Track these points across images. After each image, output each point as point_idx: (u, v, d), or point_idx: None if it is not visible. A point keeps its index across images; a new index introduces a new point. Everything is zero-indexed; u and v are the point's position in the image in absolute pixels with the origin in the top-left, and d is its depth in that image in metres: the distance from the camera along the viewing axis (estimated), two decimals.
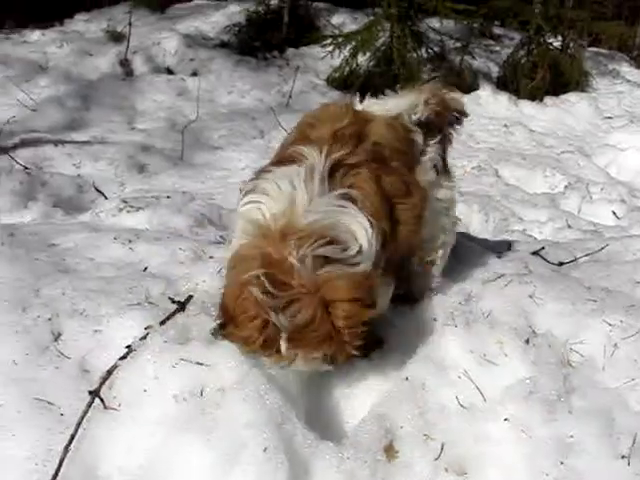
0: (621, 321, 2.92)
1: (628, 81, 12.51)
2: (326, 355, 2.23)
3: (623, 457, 2.40)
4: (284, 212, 2.30)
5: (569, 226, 5.17)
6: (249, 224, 2.37)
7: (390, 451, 2.36)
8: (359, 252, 2.29)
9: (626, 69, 13.64)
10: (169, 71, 9.72)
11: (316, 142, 2.55)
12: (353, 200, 2.39)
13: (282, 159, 2.58)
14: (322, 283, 2.15)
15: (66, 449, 2.24)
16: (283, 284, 2.14)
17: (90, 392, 2.40)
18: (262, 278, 2.14)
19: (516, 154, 7.69)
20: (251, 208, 2.41)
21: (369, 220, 2.35)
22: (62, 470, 2.19)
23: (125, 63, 9.51)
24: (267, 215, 2.34)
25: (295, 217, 2.28)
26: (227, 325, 2.31)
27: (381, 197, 2.55)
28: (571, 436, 2.44)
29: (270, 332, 2.17)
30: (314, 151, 2.47)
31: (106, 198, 5.16)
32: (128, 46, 9.54)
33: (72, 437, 2.27)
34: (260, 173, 2.54)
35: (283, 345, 2.17)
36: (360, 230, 2.33)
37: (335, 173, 2.44)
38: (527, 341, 2.82)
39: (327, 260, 2.20)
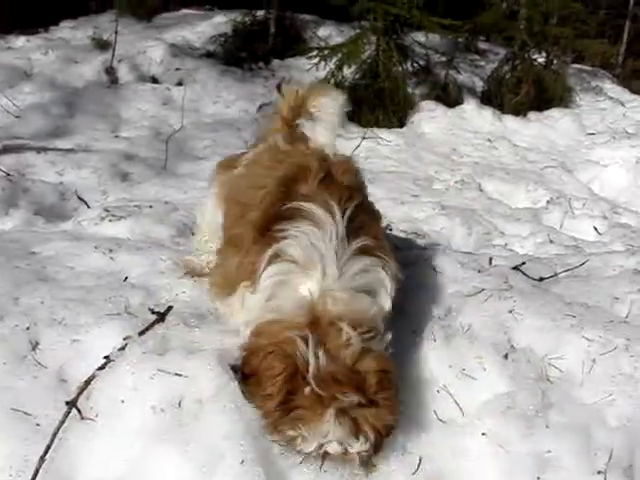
0: (600, 337, 2.94)
1: (611, 98, 12.60)
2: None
3: (599, 472, 2.42)
4: (321, 292, 2.32)
5: (551, 241, 5.19)
6: (281, 301, 2.36)
7: (368, 465, 2.35)
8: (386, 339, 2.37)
9: (609, 86, 13.74)
10: (154, 80, 9.69)
11: (312, 195, 2.56)
12: (370, 251, 2.49)
13: (283, 214, 2.52)
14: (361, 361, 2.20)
15: (42, 459, 2.23)
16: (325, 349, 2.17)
17: (67, 402, 2.39)
18: (307, 336, 2.17)
19: (499, 168, 7.72)
20: (282, 282, 2.39)
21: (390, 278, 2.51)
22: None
23: (110, 71, 9.46)
24: (305, 291, 2.34)
25: (334, 299, 2.31)
26: (249, 383, 2.27)
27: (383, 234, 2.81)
28: (549, 451, 2.46)
29: (296, 382, 2.14)
30: (321, 210, 2.47)
31: (88, 207, 5.15)
32: (114, 54, 9.50)
33: (48, 447, 2.26)
34: (275, 232, 2.48)
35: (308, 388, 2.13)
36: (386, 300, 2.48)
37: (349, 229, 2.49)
38: (506, 356, 2.84)
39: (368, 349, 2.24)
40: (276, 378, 2.13)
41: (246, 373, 2.25)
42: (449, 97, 10.19)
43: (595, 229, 5.78)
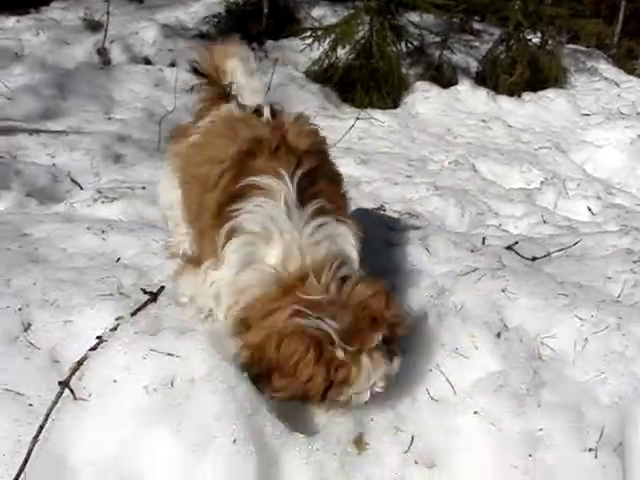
0: (592, 316, 2.95)
1: (606, 79, 12.60)
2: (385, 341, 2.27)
3: (590, 450, 2.42)
4: (285, 255, 2.39)
5: (544, 221, 5.19)
6: (249, 273, 2.40)
7: (360, 443, 2.37)
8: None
9: (604, 66, 13.74)
10: (147, 61, 9.63)
11: (265, 168, 2.59)
12: (325, 212, 2.53)
13: (239, 192, 2.54)
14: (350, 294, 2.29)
15: (35, 440, 2.22)
16: (321, 309, 2.22)
17: (60, 383, 2.38)
18: (301, 309, 2.21)
19: (493, 149, 7.71)
20: (247, 254, 2.43)
21: (353, 234, 2.56)
22: (30, 461, 2.17)
23: (102, 52, 9.40)
24: (271, 259, 2.40)
25: (297, 257, 2.38)
26: (271, 378, 2.26)
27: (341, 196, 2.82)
28: (540, 429, 2.47)
29: (327, 351, 2.18)
30: (274, 180, 2.52)
31: (81, 188, 5.13)
32: (106, 35, 9.43)
33: (41, 428, 2.25)
34: (231, 212, 2.51)
35: (339, 349, 2.18)
36: (351, 249, 2.54)
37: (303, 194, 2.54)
38: (498, 335, 2.84)
39: (344, 278, 2.34)
40: (307, 359, 2.16)
41: (260, 372, 2.26)
42: (443, 78, 10.20)
43: (589, 209, 5.78)
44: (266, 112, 2.91)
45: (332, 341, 2.16)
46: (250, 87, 3.16)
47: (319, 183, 2.66)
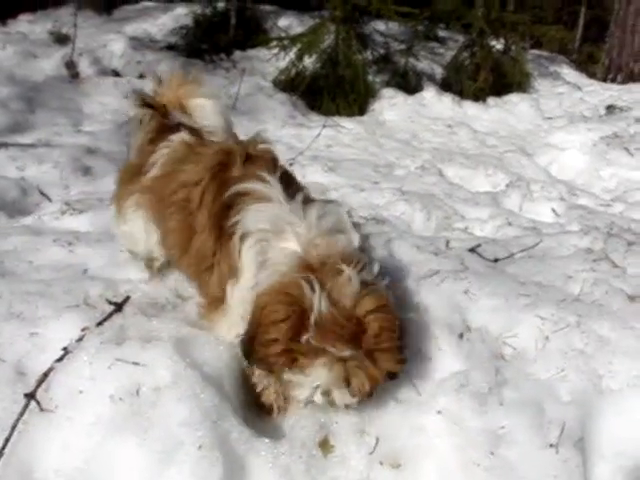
0: (552, 315, 3.01)
1: (568, 83, 12.77)
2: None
3: (552, 446, 2.48)
4: (302, 244, 2.42)
5: (509, 224, 5.24)
6: (269, 269, 2.40)
7: (325, 446, 2.40)
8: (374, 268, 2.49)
9: (566, 71, 13.94)
10: (116, 73, 9.60)
11: (244, 175, 2.66)
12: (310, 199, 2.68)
13: (230, 202, 2.59)
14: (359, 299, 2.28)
15: (1, 452, 2.24)
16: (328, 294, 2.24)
17: (26, 395, 2.40)
18: (314, 280, 2.24)
19: (459, 154, 7.77)
20: (262, 249, 2.45)
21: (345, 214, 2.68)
22: None
23: (71, 65, 9.34)
24: (289, 251, 2.42)
25: (316, 247, 2.40)
26: (254, 339, 2.30)
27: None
28: (502, 427, 2.52)
29: (299, 328, 2.20)
30: (260, 184, 2.58)
31: (50, 201, 5.11)
32: (74, 48, 9.38)
33: (7, 440, 2.27)
34: (230, 222, 2.54)
35: (305, 336, 2.19)
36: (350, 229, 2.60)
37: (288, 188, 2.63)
38: (461, 336, 2.89)
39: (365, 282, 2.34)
40: (281, 323, 2.20)
41: (251, 331, 2.30)
42: (409, 85, 10.28)
43: (553, 211, 5.85)
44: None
45: (307, 324, 2.18)
46: (224, 126, 3.26)
47: (292, 179, 2.83)
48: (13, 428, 2.30)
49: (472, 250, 3.77)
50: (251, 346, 2.30)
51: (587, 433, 2.57)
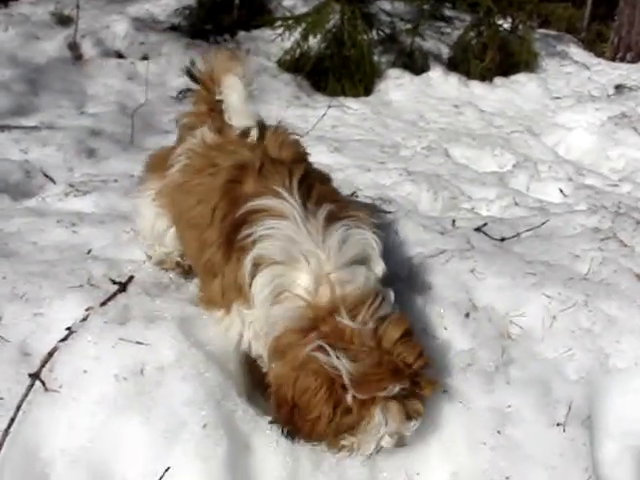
0: (559, 293, 3.00)
1: (576, 62, 12.68)
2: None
3: (559, 424, 2.47)
4: (316, 283, 2.24)
5: (516, 204, 5.22)
6: (291, 307, 2.23)
7: None
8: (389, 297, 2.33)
9: (574, 50, 13.84)
10: (119, 55, 9.55)
11: (258, 190, 2.46)
12: (338, 216, 2.41)
13: (242, 220, 2.39)
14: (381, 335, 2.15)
15: (6, 432, 2.24)
16: (345, 348, 2.09)
17: (30, 375, 2.39)
18: (324, 345, 2.08)
19: (466, 134, 7.73)
20: (277, 286, 2.27)
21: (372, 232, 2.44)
22: (2, 453, 2.19)
23: (74, 47, 9.30)
24: (301, 289, 2.25)
25: (327, 286, 2.23)
26: (291, 416, 2.14)
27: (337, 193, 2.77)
28: (509, 406, 2.51)
29: (337, 393, 2.06)
30: (274, 199, 2.39)
31: (54, 183, 5.11)
32: (76, 29, 9.33)
33: (12, 420, 2.27)
34: (241, 241, 2.35)
35: (349, 394, 2.05)
36: (376, 256, 2.41)
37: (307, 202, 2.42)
38: (467, 315, 2.88)
39: (382, 317, 2.19)
40: (317, 397, 2.06)
41: (282, 408, 2.15)
42: (415, 64, 10.20)
43: (561, 191, 5.82)
44: (254, 134, 2.82)
45: (344, 384, 2.04)
46: (242, 111, 2.94)
47: (316, 186, 2.55)
48: (18, 408, 2.30)
49: (478, 229, 3.75)
50: (294, 426, 2.16)
51: (594, 412, 2.57)
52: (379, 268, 2.40)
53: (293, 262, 2.26)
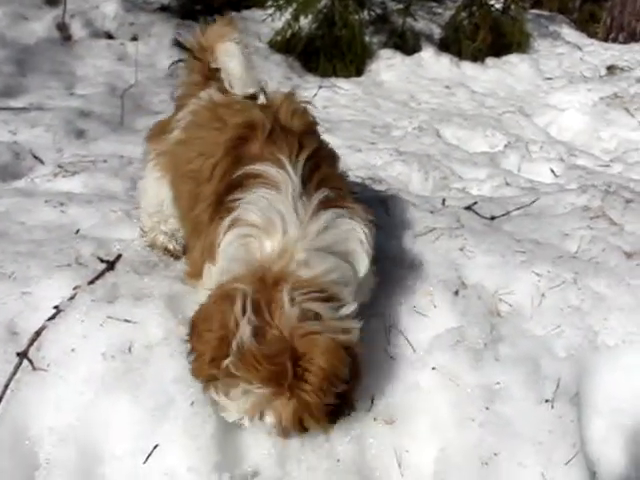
0: (549, 271, 3.00)
1: (568, 43, 12.67)
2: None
3: (547, 401, 2.48)
4: (280, 252, 2.16)
5: (507, 184, 5.22)
6: (239, 264, 2.17)
7: None
8: (350, 315, 2.16)
9: (566, 31, 13.82)
10: (108, 35, 9.47)
11: (262, 154, 2.40)
12: (332, 203, 2.34)
13: (237, 182, 2.35)
14: (301, 335, 1.99)
15: None
16: (264, 315, 1.99)
17: (18, 354, 2.39)
18: (247, 296, 2.00)
19: (457, 114, 7.72)
20: (241, 245, 2.22)
21: (364, 225, 2.35)
22: None
23: (62, 27, 9.22)
24: (261, 254, 2.18)
25: (292, 260, 2.14)
26: (191, 338, 2.11)
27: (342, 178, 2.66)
28: (497, 383, 2.51)
29: (222, 346, 1.96)
30: (274, 168, 2.33)
31: (43, 164, 5.08)
32: (65, 10, 9.24)
33: (0, 399, 2.26)
34: (230, 202, 2.31)
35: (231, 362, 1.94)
36: (360, 251, 2.32)
37: (308, 182, 2.36)
38: (456, 292, 2.88)
39: (316, 315, 2.04)
40: (207, 335, 2.01)
41: (191, 329, 2.12)
42: (407, 45, 10.17)
43: (552, 171, 5.82)
44: (262, 99, 2.76)
45: (231, 349, 1.94)
46: (244, 77, 2.88)
47: (322, 168, 2.47)
48: (6, 387, 2.30)
49: (468, 208, 3.74)
50: (189, 353, 2.13)
51: (582, 389, 2.58)
52: (363, 265, 2.33)
53: (268, 228, 2.20)
